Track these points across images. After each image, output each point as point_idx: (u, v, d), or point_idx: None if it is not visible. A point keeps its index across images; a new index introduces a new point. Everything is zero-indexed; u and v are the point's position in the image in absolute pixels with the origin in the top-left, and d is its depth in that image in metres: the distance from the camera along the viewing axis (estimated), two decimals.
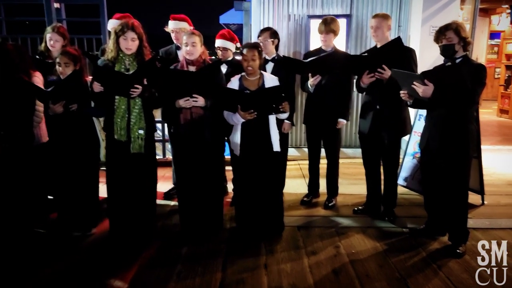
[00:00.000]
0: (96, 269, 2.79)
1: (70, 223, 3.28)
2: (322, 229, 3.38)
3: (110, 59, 2.99)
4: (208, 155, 3.19)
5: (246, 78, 3.11)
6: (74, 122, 3.14)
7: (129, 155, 3.03)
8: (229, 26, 10.03)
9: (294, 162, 5.27)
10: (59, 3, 4.93)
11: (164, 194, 4.17)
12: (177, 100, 3.01)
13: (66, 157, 3.17)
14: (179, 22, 3.83)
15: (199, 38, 3.05)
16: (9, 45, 3.08)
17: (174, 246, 3.09)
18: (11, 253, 3.00)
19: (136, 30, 2.95)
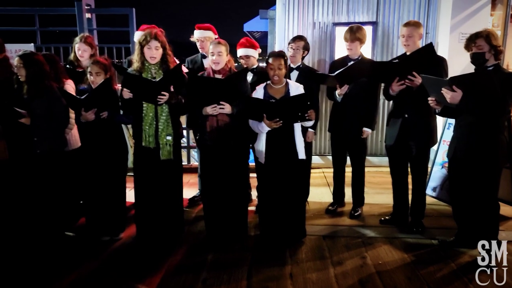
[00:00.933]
0: (123, 274, 2.84)
1: (98, 228, 3.35)
2: (347, 239, 3.34)
3: (136, 69, 3.07)
4: (233, 162, 3.22)
5: (271, 86, 3.13)
6: (104, 129, 3.22)
7: (157, 162, 3.09)
8: (253, 34, 10.10)
9: (318, 170, 5.24)
10: (91, 13, 5.09)
11: (189, 201, 4.21)
12: (204, 108, 3.05)
13: (96, 163, 3.26)
14: (204, 31, 3.90)
15: (225, 47, 3.09)
16: (40, 55, 3.20)
17: (200, 253, 3.12)
18: (41, 255, 3.09)
19: (159, 38, 3.02)
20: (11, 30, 5.35)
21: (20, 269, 2.89)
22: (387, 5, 5.22)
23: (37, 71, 3.05)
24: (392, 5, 5.22)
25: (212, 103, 3.00)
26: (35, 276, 2.80)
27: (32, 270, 2.87)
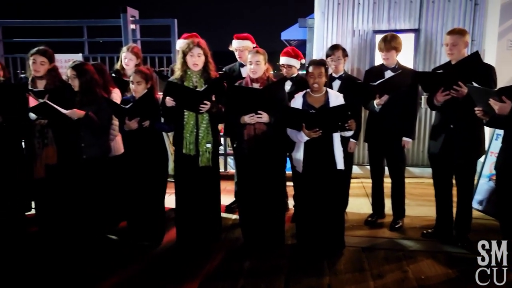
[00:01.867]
0: (162, 278, 2.90)
1: (139, 232, 3.45)
2: (388, 252, 3.25)
3: (178, 78, 3.15)
4: (270, 170, 3.22)
5: (310, 94, 3.12)
6: (146, 136, 3.32)
7: (197, 169, 3.15)
8: (290, 42, 10.14)
9: (357, 180, 5.13)
10: (135, 24, 5.29)
11: (226, 207, 4.25)
12: (242, 116, 3.09)
13: (137, 169, 3.35)
14: (242, 41, 3.96)
15: (263, 56, 3.13)
16: (90, 65, 3.36)
17: (237, 260, 3.13)
18: (85, 257, 3.21)
19: (201, 46, 3.11)
20: (61, 41, 5.64)
21: (64, 270, 3.01)
22: (430, 12, 5.09)
23: (89, 81, 3.19)
24: (435, 11, 5.08)
25: (250, 112, 3.02)
26: (78, 278, 2.91)
27: (76, 271, 2.99)
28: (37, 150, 3.42)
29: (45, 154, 3.41)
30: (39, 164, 3.42)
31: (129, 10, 5.17)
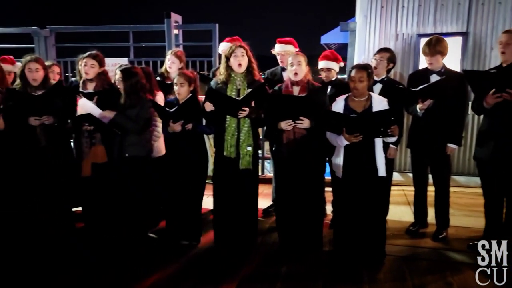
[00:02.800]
0: (201, 278, 2.94)
1: (178, 232, 3.52)
2: (430, 262, 3.13)
3: (222, 81, 3.20)
4: (308, 175, 3.20)
5: (352, 99, 3.07)
6: (188, 138, 3.39)
7: (237, 171, 3.18)
8: (330, 46, 10.04)
9: (398, 187, 5.00)
10: (178, 29, 5.43)
11: (263, 211, 4.26)
12: (279, 122, 3.08)
13: (178, 170, 3.43)
14: (285, 45, 3.96)
15: (304, 59, 3.13)
16: (138, 69, 3.48)
17: (274, 264, 3.13)
18: (127, 254, 3.32)
19: (243, 47, 3.17)
20: (108, 46, 5.88)
21: (107, 265, 3.13)
22: (480, 14, 4.87)
23: (134, 84, 3.31)
24: (485, 14, 4.86)
25: (292, 118, 3.01)
26: (120, 273, 3.01)
27: (118, 268, 3.09)
28: (84, 149, 3.57)
29: (92, 153, 3.55)
30: (86, 163, 3.56)
31: (173, 16, 5.31)
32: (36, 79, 3.28)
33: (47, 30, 5.51)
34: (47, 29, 5.52)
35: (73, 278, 2.93)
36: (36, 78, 3.28)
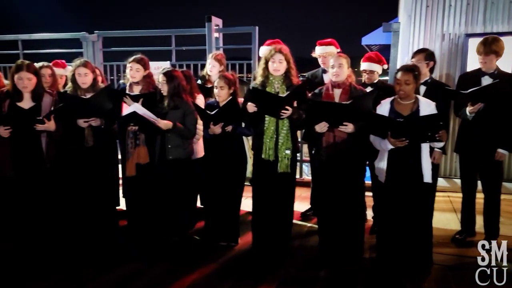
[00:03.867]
0: (238, 279, 2.96)
1: (216, 233, 3.56)
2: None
3: (260, 83, 3.21)
4: (349, 179, 3.14)
5: (398, 102, 2.97)
6: (227, 140, 3.42)
7: (275, 174, 3.17)
8: (371, 48, 9.83)
9: (443, 193, 4.80)
10: (218, 32, 5.50)
11: (301, 214, 4.22)
12: (314, 126, 3.02)
13: (217, 172, 3.47)
14: (326, 47, 3.91)
15: (346, 60, 3.07)
16: (179, 72, 3.55)
17: (312, 268, 3.10)
18: (167, 252, 3.39)
19: (283, 52, 3.14)
20: (151, 49, 6.04)
21: (149, 263, 3.21)
22: None
23: (176, 86, 3.39)
24: None
25: (336, 124, 2.95)
26: (161, 272, 3.08)
27: (159, 266, 3.17)
28: (129, 149, 3.68)
29: (136, 154, 3.66)
30: (130, 163, 3.67)
31: (213, 19, 5.39)
32: (85, 82, 3.43)
33: (95, 35, 5.75)
34: (94, 34, 5.76)
35: (118, 276, 3.03)
36: (85, 82, 3.43)
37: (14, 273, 3.04)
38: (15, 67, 3.20)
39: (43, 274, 3.02)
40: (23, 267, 3.12)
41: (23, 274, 3.01)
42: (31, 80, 3.20)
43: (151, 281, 2.93)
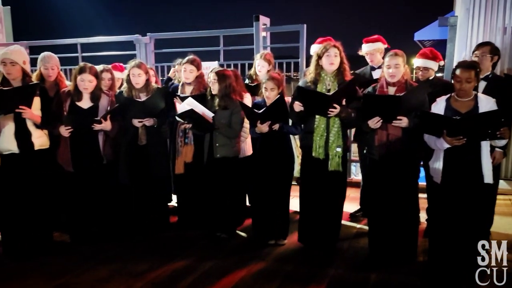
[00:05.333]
0: (286, 278, 2.95)
1: (264, 231, 3.56)
2: None
3: (311, 81, 3.17)
4: (402, 180, 3.03)
5: (455, 99, 2.82)
6: (275, 139, 3.42)
7: (325, 173, 3.12)
8: (424, 43, 9.44)
9: (504, 196, 4.52)
10: (266, 31, 5.50)
11: (350, 215, 4.14)
12: (367, 122, 2.94)
13: (265, 171, 3.47)
14: (372, 44, 3.82)
15: (402, 58, 2.95)
16: (230, 71, 3.60)
17: (362, 270, 3.03)
18: (216, 248, 3.45)
19: (338, 47, 3.09)
20: (200, 50, 6.16)
21: (197, 259, 3.27)
22: None
23: (227, 86, 3.44)
24: None
25: (388, 119, 2.86)
26: (210, 268, 3.13)
27: (207, 262, 3.22)
28: (178, 148, 3.78)
29: (184, 152, 3.76)
30: (179, 161, 3.78)
31: (261, 19, 5.40)
32: (138, 83, 3.56)
33: (147, 38, 5.96)
34: (147, 36, 5.97)
35: (169, 270, 3.12)
36: (138, 82, 3.56)
37: (71, 262, 3.22)
38: (78, 69, 3.39)
39: (97, 265, 3.17)
40: (79, 258, 3.29)
41: (79, 264, 3.19)
42: (92, 82, 3.37)
43: (201, 277, 2.99)
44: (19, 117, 3.14)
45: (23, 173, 3.20)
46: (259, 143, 3.53)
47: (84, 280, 2.95)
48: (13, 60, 3.12)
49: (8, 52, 3.15)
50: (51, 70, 3.64)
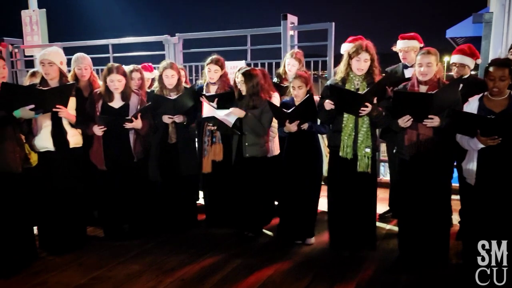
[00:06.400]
0: (314, 277, 2.94)
1: (291, 230, 3.56)
2: None
3: (340, 80, 3.14)
4: (433, 180, 2.96)
5: (489, 98, 2.74)
6: (303, 138, 3.41)
7: (353, 173, 3.09)
8: (456, 40, 9.17)
9: None
10: (294, 30, 5.48)
11: (380, 216, 4.07)
12: (397, 120, 2.89)
13: (293, 170, 3.47)
14: (408, 41, 3.74)
15: (435, 57, 2.88)
16: (258, 70, 3.61)
17: (392, 272, 2.99)
18: (243, 247, 3.48)
19: (369, 51, 3.03)
20: (227, 50, 6.20)
21: (225, 257, 3.31)
22: None
23: (255, 86, 3.45)
24: None
25: (420, 117, 2.81)
26: (236, 266, 3.16)
27: (234, 261, 3.25)
28: (206, 147, 3.83)
29: (212, 151, 3.80)
30: (207, 160, 3.82)
31: (289, 17, 5.38)
32: (171, 83, 3.64)
33: (176, 38, 6.05)
34: (176, 36, 6.06)
35: (198, 267, 3.17)
36: (171, 83, 3.64)
37: (105, 257, 3.32)
38: (106, 69, 3.48)
39: (129, 260, 3.27)
40: (112, 253, 3.39)
41: (112, 259, 3.28)
42: (121, 81, 3.46)
43: (229, 275, 3.02)
44: (55, 116, 3.25)
45: (59, 170, 3.32)
46: (287, 142, 3.53)
47: (117, 274, 3.04)
48: (51, 60, 3.24)
49: (46, 53, 3.28)
50: (84, 70, 3.75)
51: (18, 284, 2.92)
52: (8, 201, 2.99)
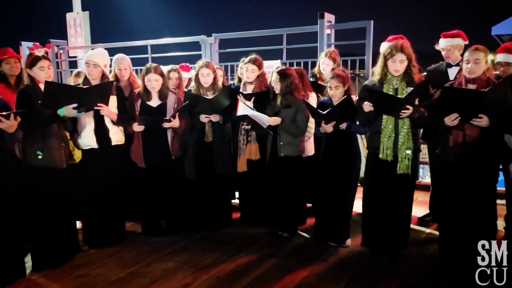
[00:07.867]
0: (350, 280, 2.90)
1: (326, 232, 3.51)
2: None
3: (377, 81, 3.06)
4: (478, 184, 2.83)
5: None
6: (341, 138, 3.36)
7: (393, 175, 3.01)
8: (502, 38, 8.75)
9: None
10: (331, 29, 5.40)
11: (419, 220, 3.95)
12: (444, 118, 2.78)
13: (330, 170, 3.42)
14: (451, 39, 3.59)
15: (483, 54, 2.75)
16: (293, 70, 3.59)
17: (432, 277, 2.90)
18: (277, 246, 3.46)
19: (405, 51, 2.95)
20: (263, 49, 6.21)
21: (260, 257, 3.31)
22: None
23: (289, 85, 3.44)
24: None
25: (468, 117, 2.69)
26: (271, 266, 3.15)
27: (268, 260, 3.24)
28: (241, 146, 3.85)
29: (248, 150, 3.82)
30: (242, 159, 3.84)
31: (326, 16, 5.30)
32: (207, 82, 3.69)
33: (212, 38, 6.11)
34: (212, 37, 6.13)
35: (232, 265, 3.19)
36: (207, 82, 3.69)
37: (142, 252, 3.40)
38: (145, 69, 3.58)
39: (165, 257, 3.33)
40: (149, 249, 3.47)
41: (149, 255, 3.36)
42: (158, 81, 3.54)
43: (263, 274, 3.02)
44: (98, 114, 3.36)
45: (102, 167, 3.43)
46: (324, 142, 3.49)
47: (153, 270, 3.11)
48: (96, 62, 3.35)
49: (93, 55, 3.40)
50: (124, 71, 3.87)
51: (62, 275, 3.05)
52: (53, 196, 3.12)
